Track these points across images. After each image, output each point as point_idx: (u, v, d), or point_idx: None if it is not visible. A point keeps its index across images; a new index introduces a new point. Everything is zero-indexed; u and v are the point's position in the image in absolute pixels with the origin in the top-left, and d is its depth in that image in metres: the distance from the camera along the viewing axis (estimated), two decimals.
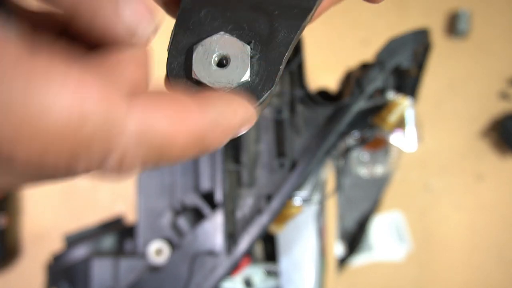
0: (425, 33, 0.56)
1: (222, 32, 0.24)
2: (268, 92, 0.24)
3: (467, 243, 0.97)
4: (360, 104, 0.52)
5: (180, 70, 0.24)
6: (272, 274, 0.56)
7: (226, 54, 0.24)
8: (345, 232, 0.85)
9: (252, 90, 0.24)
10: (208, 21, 0.24)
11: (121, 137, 0.16)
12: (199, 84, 0.24)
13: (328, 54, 1.00)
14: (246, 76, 0.24)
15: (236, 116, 0.20)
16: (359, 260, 0.94)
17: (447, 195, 0.99)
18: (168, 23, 0.25)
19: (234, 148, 0.53)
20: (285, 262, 0.56)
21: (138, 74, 0.20)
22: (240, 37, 0.24)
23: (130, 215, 0.80)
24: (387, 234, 0.96)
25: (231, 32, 0.24)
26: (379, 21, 1.02)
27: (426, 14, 1.04)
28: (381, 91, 0.55)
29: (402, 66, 0.54)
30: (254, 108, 0.23)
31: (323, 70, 0.91)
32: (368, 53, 0.59)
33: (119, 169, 0.17)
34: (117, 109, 0.16)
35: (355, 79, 0.53)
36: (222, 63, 0.24)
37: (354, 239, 0.87)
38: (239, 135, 0.22)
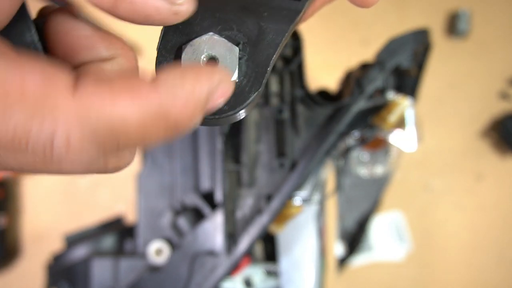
0: (425, 33, 0.56)
1: (211, 33, 0.24)
2: (256, 93, 0.24)
3: (467, 243, 0.97)
4: (360, 104, 0.52)
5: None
6: (272, 274, 0.56)
7: (215, 55, 0.24)
8: (345, 232, 0.85)
9: (239, 91, 0.24)
10: (197, 21, 0.24)
11: (58, 116, 0.17)
12: None
13: (328, 54, 1.00)
14: (234, 77, 0.24)
15: (198, 84, 0.20)
16: (359, 260, 0.94)
17: (447, 195, 0.98)
18: None
19: (234, 148, 0.53)
20: (285, 262, 0.56)
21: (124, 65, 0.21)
22: (229, 38, 0.24)
23: (130, 215, 0.80)
24: (387, 234, 0.96)
25: (220, 32, 0.24)
26: (379, 21, 1.02)
27: (426, 14, 1.04)
28: (381, 91, 0.55)
29: (402, 66, 0.54)
30: (224, 74, 0.22)
31: (323, 70, 0.91)
32: (368, 53, 0.59)
33: (69, 153, 0.18)
34: (57, 90, 0.17)
35: (355, 79, 0.53)
36: (211, 64, 0.24)
37: (354, 239, 0.87)
38: (217, 106, 0.21)
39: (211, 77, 0.20)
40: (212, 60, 0.24)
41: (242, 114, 0.24)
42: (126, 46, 0.22)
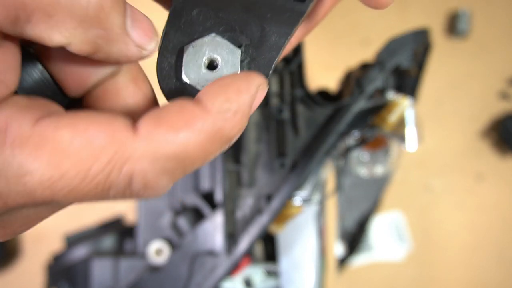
0: (425, 33, 0.56)
1: (213, 34, 0.24)
2: None
3: (467, 243, 0.97)
4: (360, 104, 0.52)
5: (170, 71, 0.24)
6: (272, 274, 0.56)
7: (217, 57, 0.24)
8: (345, 232, 0.85)
9: None
10: (200, 21, 0.24)
11: (132, 161, 0.19)
12: (188, 85, 0.24)
13: (328, 54, 1.00)
14: None
15: (241, 94, 0.21)
16: (359, 260, 0.94)
17: (447, 195, 0.99)
18: (160, 21, 0.25)
19: (234, 148, 0.53)
20: (285, 262, 0.56)
21: (139, 93, 0.23)
22: (231, 39, 0.24)
23: (130, 215, 0.80)
24: (387, 234, 0.96)
25: (222, 33, 0.24)
26: (379, 21, 1.02)
27: (426, 14, 1.04)
28: (381, 91, 0.55)
29: (402, 66, 0.54)
30: (258, 74, 0.22)
31: (323, 70, 0.91)
32: (368, 53, 0.59)
33: (147, 188, 0.20)
34: (123, 140, 0.19)
35: (355, 79, 0.53)
36: (212, 65, 0.24)
37: (354, 239, 0.87)
38: (257, 106, 0.23)
39: (251, 85, 0.22)
40: (214, 62, 0.24)
41: None
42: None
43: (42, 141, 0.18)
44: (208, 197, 0.54)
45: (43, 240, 0.94)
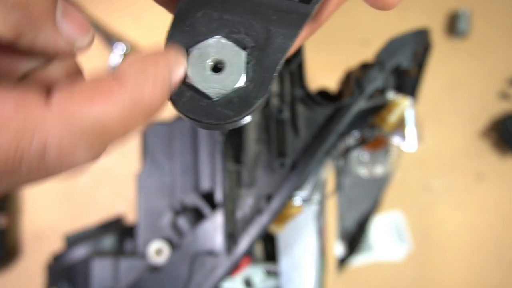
0: (425, 33, 0.56)
1: (218, 36, 0.24)
2: (262, 99, 0.23)
3: (467, 243, 0.97)
4: (360, 104, 0.52)
5: None
6: (272, 274, 0.56)
7: (222, 59, 0.23)
8: (345, 232, 0.85)
9: (245, 96, 0.23)
10: (204, 23, 0.24)
11: (43, 132, 0.19)
12: (193, 88, 0.23)
13: (328, 54, 1.00)
14: (241, 82, 0.23)
15: (159, 69, 0.21)
16: (359, 260, 0.94)
17: (447, 195, 0.98)
18: (163, 23, 0.25)
19: (234, 148, 0.53)
20: (285, 262, 0.56)
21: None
22: (236, 41, 0.24)
23: (130, 215, 0.80)
24: (387, 234, 0.96)
25: (227, 35, 0.24)
26: (379, 21, 1.02)
27: (426, 14, 1.04)
28: (381, 91, 0.55)
29: (402, 66, 0.54)
30: (176, 51, 0.23)
31: (323, 70, 0.91)
32: (368, 53, 0.59)
33: (63, 161, 0.19)
34: (32, 109, 0.19)
35: (355, 79, 0.53)
36: (217, 68, 0.24)
37: (354, 239, 0.87)
38: (178, 77, 0.23)
39: (167, 57, 0.22)
40: (219, 64, 0.24)
41: (247, 119, 0.24)
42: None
43: None
44: (208, 197, 0.54)
45: (43, 240, 0.94)
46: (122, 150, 0.95)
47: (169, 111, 0.26)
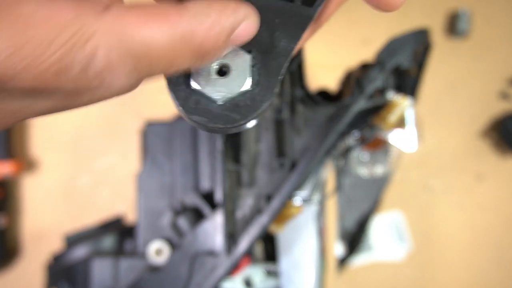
0: (425, 33, 0.56)
1: None
2: (268, 102, 0.23)
3: (467, 243, 0.97)
4: (360, 104, 0.52)
5: (179, 77, 0.24)
6: (272, 274, 0.56)
7: (226, 62, 0.23)
8: (345, 232, 0.85)
9: (251, 100, 0.23)
10: None
11: (97, 37, 0.19)
12: (198, 92, 0.23)
13: (328, 54, 1.00)
14: (247, 86, 0.23)
15: (223, 14, 0.21)
16: (359, 260, 0.94)
17: (447, 195, 0.98)
18: None
19: (234, 148, 0.53)
20: (285, 262, 0.56)
21: None
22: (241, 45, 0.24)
23: (130, 215, 0.80)
24: (387, 234, 0.96)
25: None
26: (379, 21, 1.02)
27: (426, 14, 1.04)
28: (381, 91, 0.55)
29: (402, 66, 0.54)
30: (251, 11, 0.22)
31: (323, 70, 0.91)
32: (368, 53, 0.59)
33: (108, 70, 0.20)
34: (90, 16, 0.19)
35: (355, 79, 0.53)
36: (222, 71, 0.24)
37: (354, 239, 0.87)
38: (241, 41, 0.22)
39: (237, 10, 0.22)
40: (224, 67, 0.24)
41: (253, 122, 0.24)
42: None
43: (2, 11, 0.18)
44: (208, 197, 0.54)
45: (43, 240, 0.94)
46: (122, 150, 0.95)
47: (169, 111, 0.26)
